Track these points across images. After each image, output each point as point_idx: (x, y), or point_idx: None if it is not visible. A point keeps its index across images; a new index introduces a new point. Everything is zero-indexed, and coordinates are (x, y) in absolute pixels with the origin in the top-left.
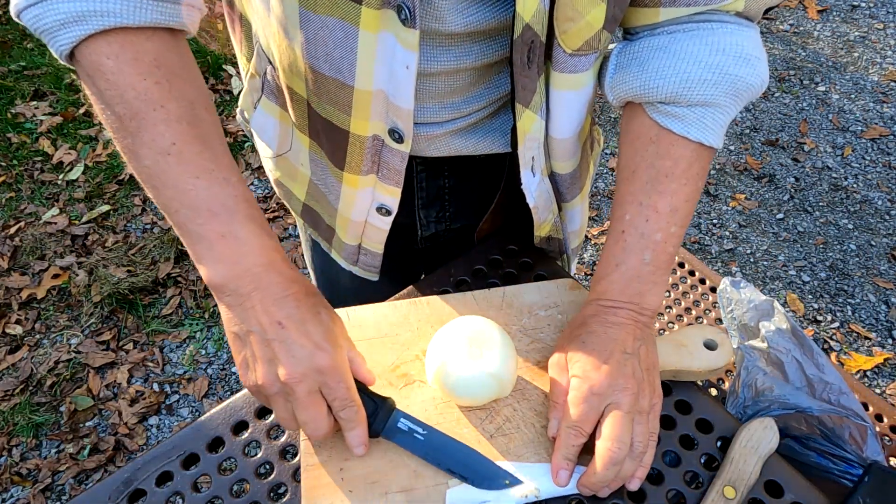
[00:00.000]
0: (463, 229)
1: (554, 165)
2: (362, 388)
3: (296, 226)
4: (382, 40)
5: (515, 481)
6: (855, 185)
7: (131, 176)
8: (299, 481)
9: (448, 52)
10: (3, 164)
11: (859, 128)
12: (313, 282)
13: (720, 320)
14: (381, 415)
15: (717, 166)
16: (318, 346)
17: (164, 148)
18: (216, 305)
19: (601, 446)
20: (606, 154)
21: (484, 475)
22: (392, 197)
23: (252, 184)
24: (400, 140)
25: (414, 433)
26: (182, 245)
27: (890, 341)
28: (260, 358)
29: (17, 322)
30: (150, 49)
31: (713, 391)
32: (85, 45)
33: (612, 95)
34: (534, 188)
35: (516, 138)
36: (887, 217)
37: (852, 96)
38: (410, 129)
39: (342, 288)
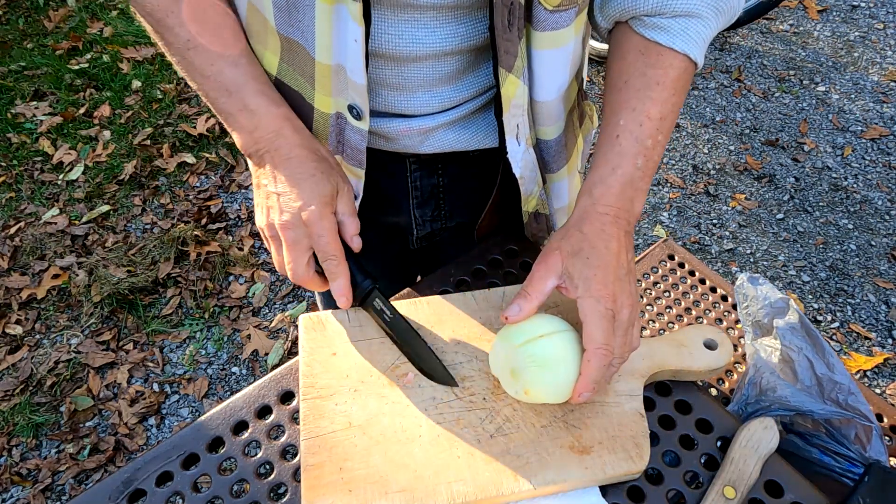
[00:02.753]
0: (458, 228)
1: (539, 132)
2: (355, 258)
3: None
4: (337, 13)
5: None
6: (855, 185)
7: (131, 176)
8: (299, 481)
9: (433, 34)
10: (3, 164)
11: (859, 128)
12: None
13: (720, 320)
14: (361, 287)
15: (718, 166)
16: (306, 203)
17: (182, 46)
18: (216, 306)
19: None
20: None
21: (431, 373)
22: (356, 179)
23: None
24: (358, 117)
25: (384, 313)
26: (182, 245)
27: (890, 341)
28: (264, 206)
29: (17, 322)
30: None
31: (713, 391)
32: None
33: (601, 17)
34: (519, 157)
35: (500, 106)
36: (887, 217)
37: (852, 96)
38: (367, 105)
39: None
